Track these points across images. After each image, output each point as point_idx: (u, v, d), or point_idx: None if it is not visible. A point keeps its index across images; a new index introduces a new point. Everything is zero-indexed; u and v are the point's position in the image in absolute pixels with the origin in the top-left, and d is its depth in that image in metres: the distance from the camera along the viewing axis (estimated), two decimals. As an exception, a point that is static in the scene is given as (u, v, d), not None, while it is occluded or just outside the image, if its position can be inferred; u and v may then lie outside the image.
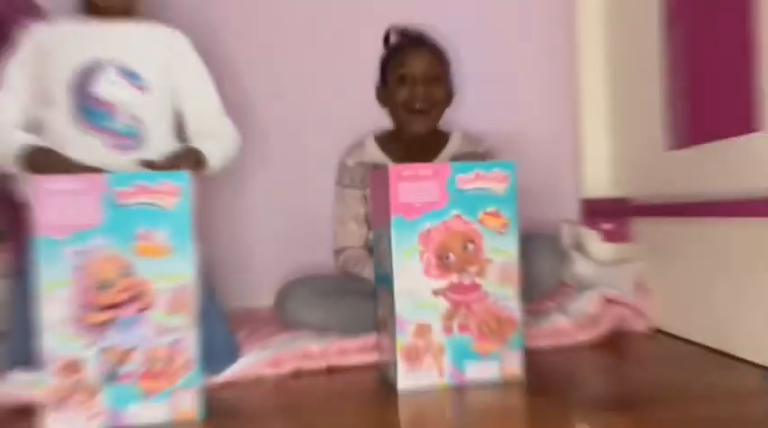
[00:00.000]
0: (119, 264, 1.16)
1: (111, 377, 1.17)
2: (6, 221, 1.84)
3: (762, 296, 1.38)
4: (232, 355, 1.49)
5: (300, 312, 1.72)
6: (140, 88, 1.48)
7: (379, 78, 1.99)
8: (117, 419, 1.17)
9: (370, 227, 1.89)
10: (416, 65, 1.88)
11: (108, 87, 1.45)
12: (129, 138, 1.46)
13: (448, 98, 1.95)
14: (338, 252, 1.95)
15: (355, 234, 1.94)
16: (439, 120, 1.95)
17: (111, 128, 1.45)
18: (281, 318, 1.75)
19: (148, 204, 1.17)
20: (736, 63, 1.39)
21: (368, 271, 1.82)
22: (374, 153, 1.98)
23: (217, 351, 1.44)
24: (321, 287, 1.75)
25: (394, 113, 1.96)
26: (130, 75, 1.47)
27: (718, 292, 1.53)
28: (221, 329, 1.48)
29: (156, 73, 1.52)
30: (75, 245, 1.15)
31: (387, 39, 1.99)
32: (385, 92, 1.97)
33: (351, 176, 1.97)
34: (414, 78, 1.88)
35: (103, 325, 1.16)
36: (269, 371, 1.50)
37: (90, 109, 1.44)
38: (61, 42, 1.48)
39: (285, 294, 1.76)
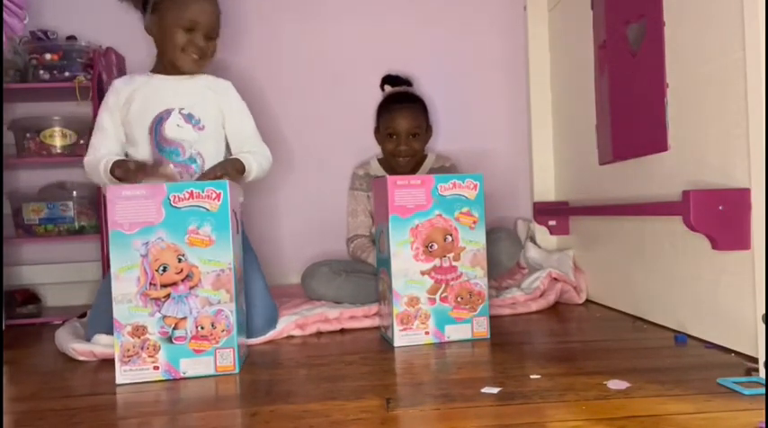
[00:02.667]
0: (175, 252, 1.15)
1: (169, 338, 1.16)
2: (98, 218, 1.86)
3: (667, 274, 1.37)
4: (273, 321, 1.47)
5: (319, 287, 1.71)
6: (200, 128, 1.47)
7: (375, 123, 1.97)
8: (173, 371, 1.16)
9: (373, 221, 1.90)
10: (400, 125, 1.85)
11: (176, 130, 1.45)
12: (193, 165, 1.46)
13: (426, 139, 1.92)
14: (350, 239, 1.94)
15: (363, 224, 1.93)
16: (419, 156, 1.94)
17: (180, 160, 1.45)
18: (306, 292, 1.75)
19: (197, 206, 1.16)
20: (649, 99, 1.37)
21: (371, 257, 1.83)
22: (376, 168, 1.98)
23: (264, 318, 1.44)
24: (335, 268, 1.75)
25: (384, 154, 1.94)
26: (192, 120, 1.46)
27: (634, 271, 1.53)
28: (269, 301, 1.47)
29: (211, 115, 1.50)
30: (142, 237, 1.14)
31: (382, 85, 2.02)
32: (379, 136, 1.95)
33: (360, 182, 1.96)
34: (398, 135, 1.86)
35: (163, 299, 1.16)
36: (297, 332, 1.49)
37: (163, 146, 1.44)
38: (140, 95, 1.46)
39: (308, 273, 1.75)
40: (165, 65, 1.51)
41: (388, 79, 2.01)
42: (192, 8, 1.44)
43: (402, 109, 1.88)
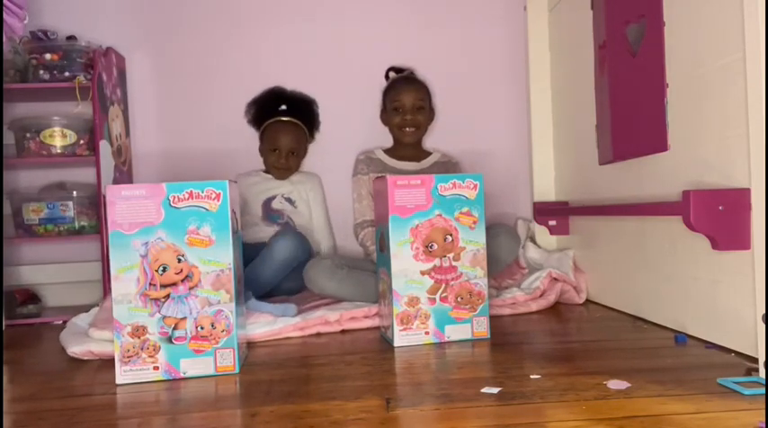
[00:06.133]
0: (174, 252, 1.15)
1: (169, 339, 1.16)
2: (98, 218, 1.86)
3: (667, 274, 1.37)
4: None
5: (320, 279, 1.69)
6: (293, 205, 2.04)
7: (382, 105, 2.03)
8: (173, 372, 1.16)
9: None
10: (406, 99, 1.94)
11: (278, 204, 2.01)
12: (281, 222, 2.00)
13: (429, 119, 2.01)
14: (359, 225, 1.95)
15: (370, 207, 1.93)
16: (423, 135, 2.02)
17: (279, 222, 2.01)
18: (307, 284, 1.73)
19: (196, 206, 1.16)
20: (649, 99, 1.37)
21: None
22: (380, 154, 2.01)
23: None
24: (338, 262, 1.73)
25: (391, 131, 2.00)
26: (289, 201, 2.03)
27: (634, 271, 1.53)
28: None
29: (301, 199, 2.06)
30: (141, 237, 1.14)
31: (387, 75, 2.05)
32: (385, 115, 2.01)
33: (362, 167, 1.99)
34: (404, 108, 1.95)
35: (163, 299, 1.15)
36: (296, 334, 1.48)
37: (270, 213, 2.01)
38: (254, 187, 2.03)
39: (310, 266, 1.72)
40: (273, 170, 2.08)
41: (393, 69, 2.06)
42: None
43: (407, 84, 1.98)
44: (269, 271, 1.77)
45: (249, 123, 2.08)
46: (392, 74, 2.04)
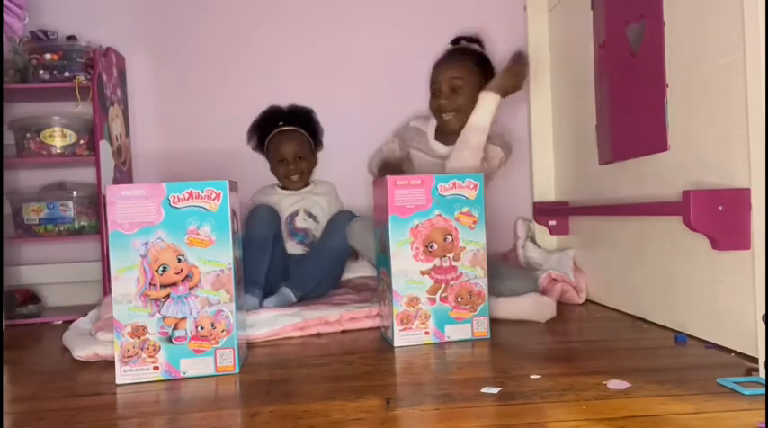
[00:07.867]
0: (174, 252, 1.15)
1: (169, 339, 1.16)
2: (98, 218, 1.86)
3: (667, 274, 1.37)
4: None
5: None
6: (316, 222, 1.99)
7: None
8: (173, 372, 1.16)
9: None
10: (441, 79, 1.76)
11: (302, 222, 1.98)
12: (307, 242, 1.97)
13: (473, 100, 1.69)
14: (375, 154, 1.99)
15: (383, 152, 1.95)
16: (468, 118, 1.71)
17: (305, 242, 1.97)
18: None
19: (196, 206, 1.16)
20: (649, 99, 1.37)
21: (376, 160, 1.95)
22: (432, 128, 1.86)
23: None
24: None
25: (434, 116, 1.84)
26: (310, 216, 1.99)
27: (634, 272, 1.53)
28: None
29: (323, 211, 2.00)
30: (141, 237, 1.15)
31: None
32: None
33: (405, 133, 1.92)
34: (440, 91, 1.76)
35: (163, 299, 1.16)
36: (296, 334, 1.48)
37: (295, 232, 1.97)
38: (278, 202, 1.97)
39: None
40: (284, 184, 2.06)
41: (460, 38, 1.88)
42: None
43: (446, 60, 1.79)
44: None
45: (255, 150, 2.04)
46: (449, 46, 1.84)
